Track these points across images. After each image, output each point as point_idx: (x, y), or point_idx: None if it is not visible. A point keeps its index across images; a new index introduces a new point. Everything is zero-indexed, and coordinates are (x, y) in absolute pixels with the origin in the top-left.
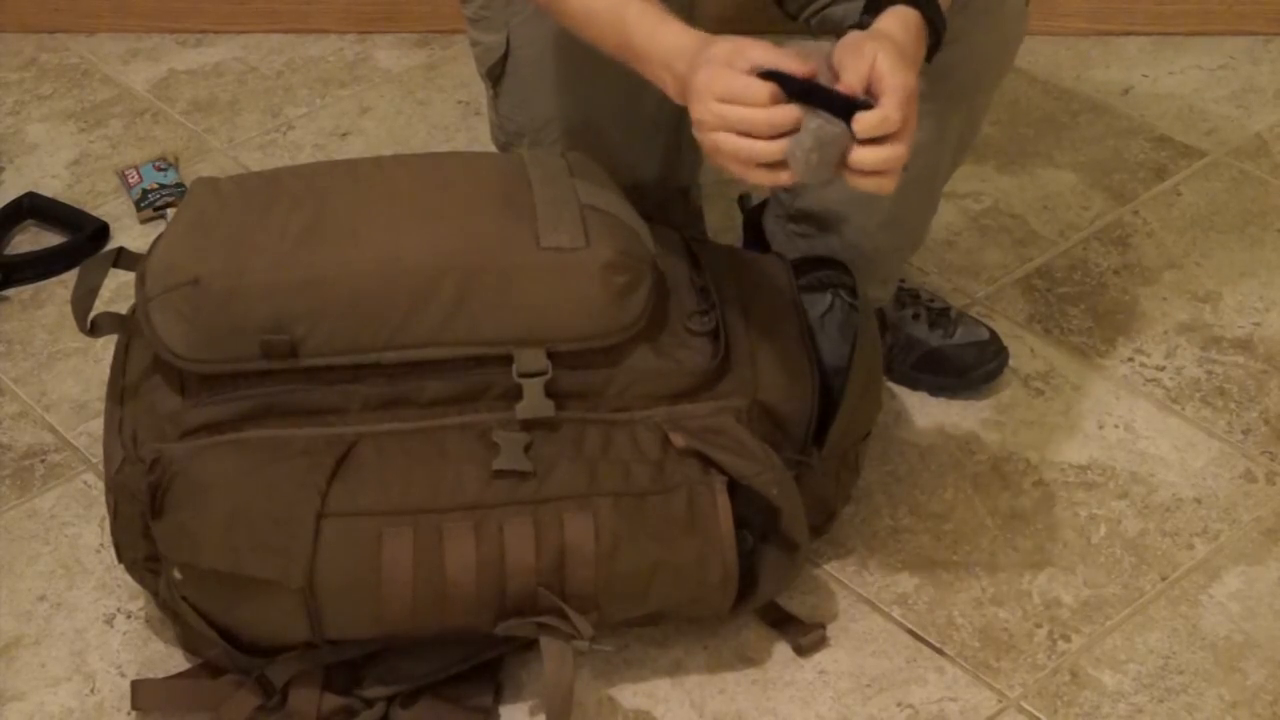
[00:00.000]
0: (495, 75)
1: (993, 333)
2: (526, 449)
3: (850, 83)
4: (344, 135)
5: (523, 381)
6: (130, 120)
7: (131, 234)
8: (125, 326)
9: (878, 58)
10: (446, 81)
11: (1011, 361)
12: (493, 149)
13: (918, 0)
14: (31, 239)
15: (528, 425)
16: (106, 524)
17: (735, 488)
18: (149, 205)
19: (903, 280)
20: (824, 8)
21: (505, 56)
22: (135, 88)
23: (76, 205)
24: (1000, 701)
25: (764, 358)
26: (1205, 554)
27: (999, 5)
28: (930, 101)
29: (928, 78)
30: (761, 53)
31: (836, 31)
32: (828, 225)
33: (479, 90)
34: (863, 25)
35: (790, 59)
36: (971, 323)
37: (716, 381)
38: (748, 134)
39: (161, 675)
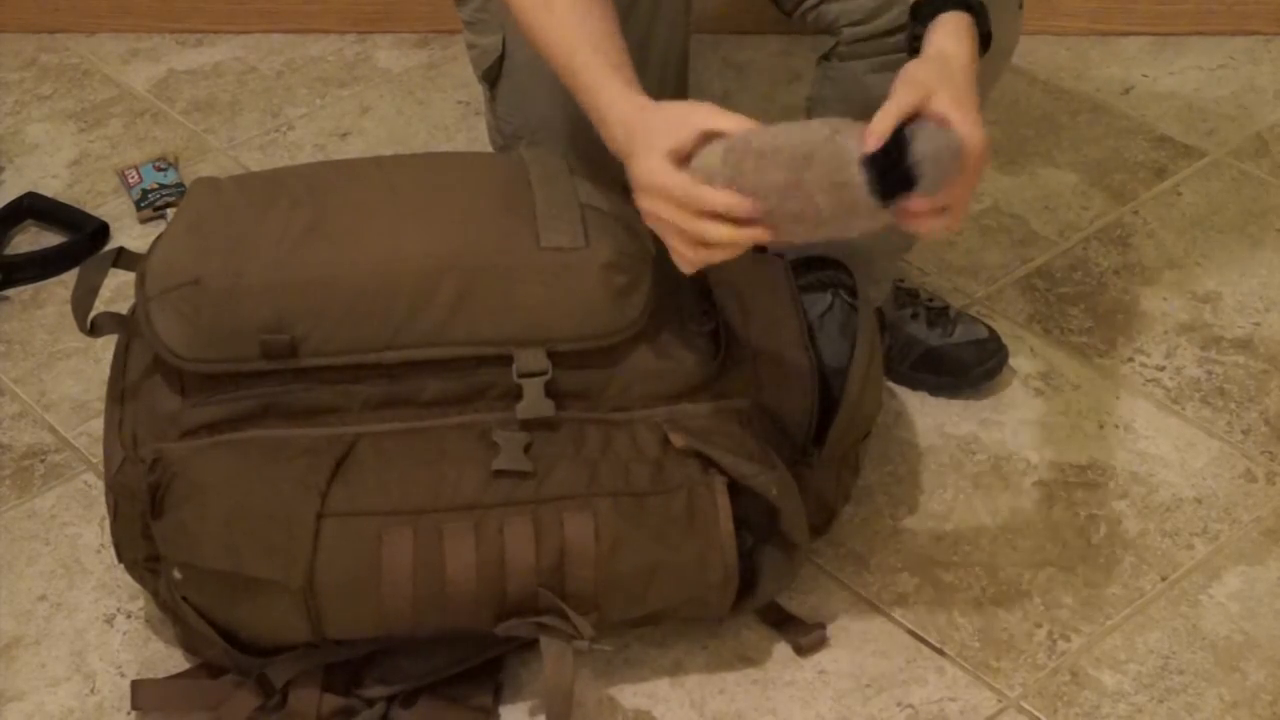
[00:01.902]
0: (492, 77)
1: (992, 331)
2: (526, 449)
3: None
4: (344, 135)
5: (523, 381)
6: (130, 120)
7: (131, 234)
8: (125, 326)
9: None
10: (446, 81)
11: (1011, 361)
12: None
13: (966, 1)
14: (31, 239)
15: (528, 425)
16: (106, 524)
17: (735, 488)
18: (149, 205)
19: (902, 280)
20: (817, 5)
21: (502, 58)
22: (135, 88)
23: (76, 205)
24: (1000, 701)
25: (764, 358)
26: (1205, 554)
27: (996, 4)
28: None
29: None
30: (694, 123)
31: (830, 30)
32: None
33: (479, 90)
34: (914, 38)
35: (716, 118)
36: (970, 321)
37: (716, 381)
38: (684, 224)
39: (161, 675)
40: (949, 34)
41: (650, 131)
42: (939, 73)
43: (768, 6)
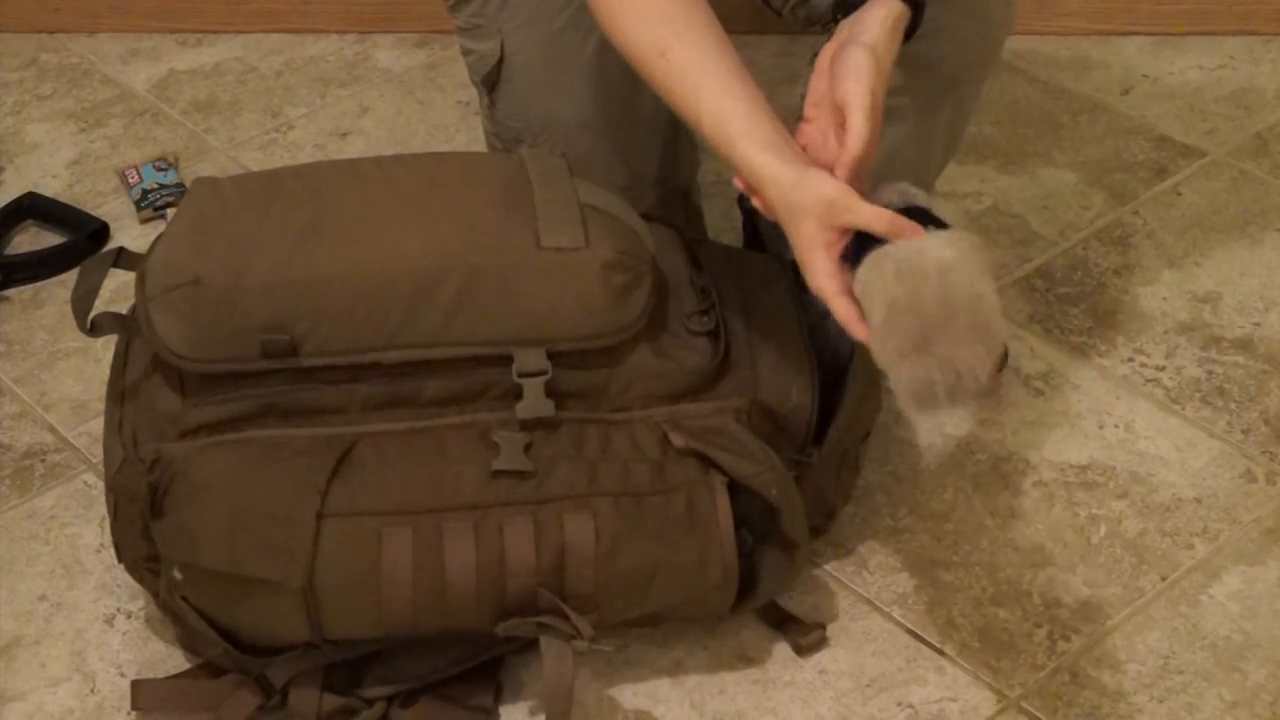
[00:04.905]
0: (491, 82)
1: None
2: (526, 449)
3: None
4: (344, 135)
5: (523, 381)
6: (130, 120)
7: (131, 234)
8: (125, 326)
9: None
10: (446, 81)
11: (1011, 361)
12: None
13: None
14: (31, 239)
15: (528, 425)
16: (106, 524)
17: (735, 488)
18: (149, 205)
19: None
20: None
21: (500, 63)
22: (135, 88)
23: (76, 205)
24: (1000, 701)
25: (764, 358)
26: (1205, 554)
27: None
28: (914, 95)
29: (910, 71)
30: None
31: (821, 22)
32: None
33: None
34: (836, 19)
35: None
36: None
37: (716, 381)
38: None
39: (161, 675)
40: (880, 25)
41: (806, 227)
42: (874, 71)
43: (761, 7)
